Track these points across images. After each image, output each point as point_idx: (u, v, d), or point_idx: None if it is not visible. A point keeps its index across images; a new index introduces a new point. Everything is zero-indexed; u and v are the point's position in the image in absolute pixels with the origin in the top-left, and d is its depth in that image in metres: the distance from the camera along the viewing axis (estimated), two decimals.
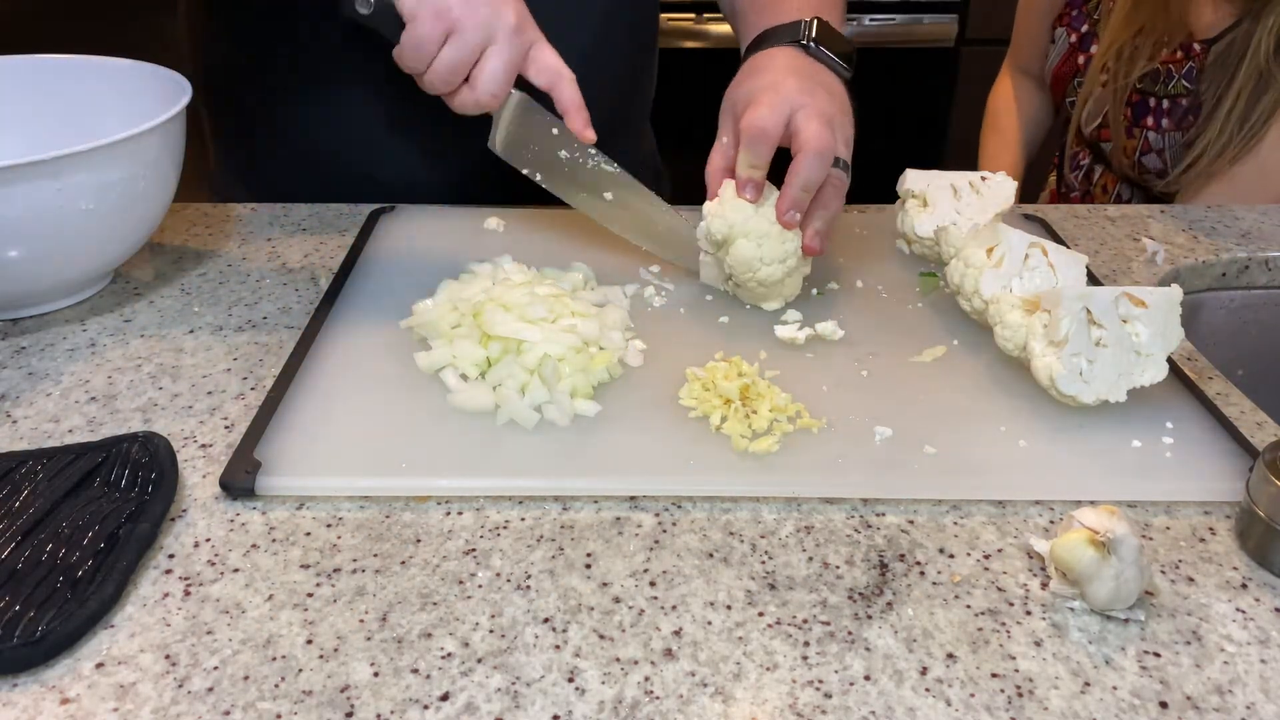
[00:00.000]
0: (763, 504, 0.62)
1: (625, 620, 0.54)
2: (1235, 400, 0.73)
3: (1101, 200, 1.39)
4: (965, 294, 0.77)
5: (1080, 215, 1.02)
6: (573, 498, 0.62)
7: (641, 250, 0.88)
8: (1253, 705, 0.50)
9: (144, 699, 0.49)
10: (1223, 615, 0.55)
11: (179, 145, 0.83)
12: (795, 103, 0.78)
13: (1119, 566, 0.53)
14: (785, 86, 0.79)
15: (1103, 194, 1.39)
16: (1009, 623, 0.54)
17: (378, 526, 0.60)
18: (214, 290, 0.85)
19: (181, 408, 0.70)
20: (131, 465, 0.62)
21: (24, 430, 0.68)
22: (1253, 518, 0.59)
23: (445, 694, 0.50)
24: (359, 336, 0.77)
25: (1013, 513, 0.62)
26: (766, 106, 0.77)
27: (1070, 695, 0.50)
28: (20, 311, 0.80)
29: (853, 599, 0.56)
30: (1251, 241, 0.98)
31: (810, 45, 0.84)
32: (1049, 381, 0.67)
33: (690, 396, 0.69)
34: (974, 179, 0.89)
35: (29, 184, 0.71)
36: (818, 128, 0.77)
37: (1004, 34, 1.60)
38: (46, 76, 0.90)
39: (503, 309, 0.72)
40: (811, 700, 0.50)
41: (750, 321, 0.80)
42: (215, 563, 0.57)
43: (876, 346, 0.77)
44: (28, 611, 0.52)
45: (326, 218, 0.98)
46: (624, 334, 0.76)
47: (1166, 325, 0.68)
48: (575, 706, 0.49)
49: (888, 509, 0.62)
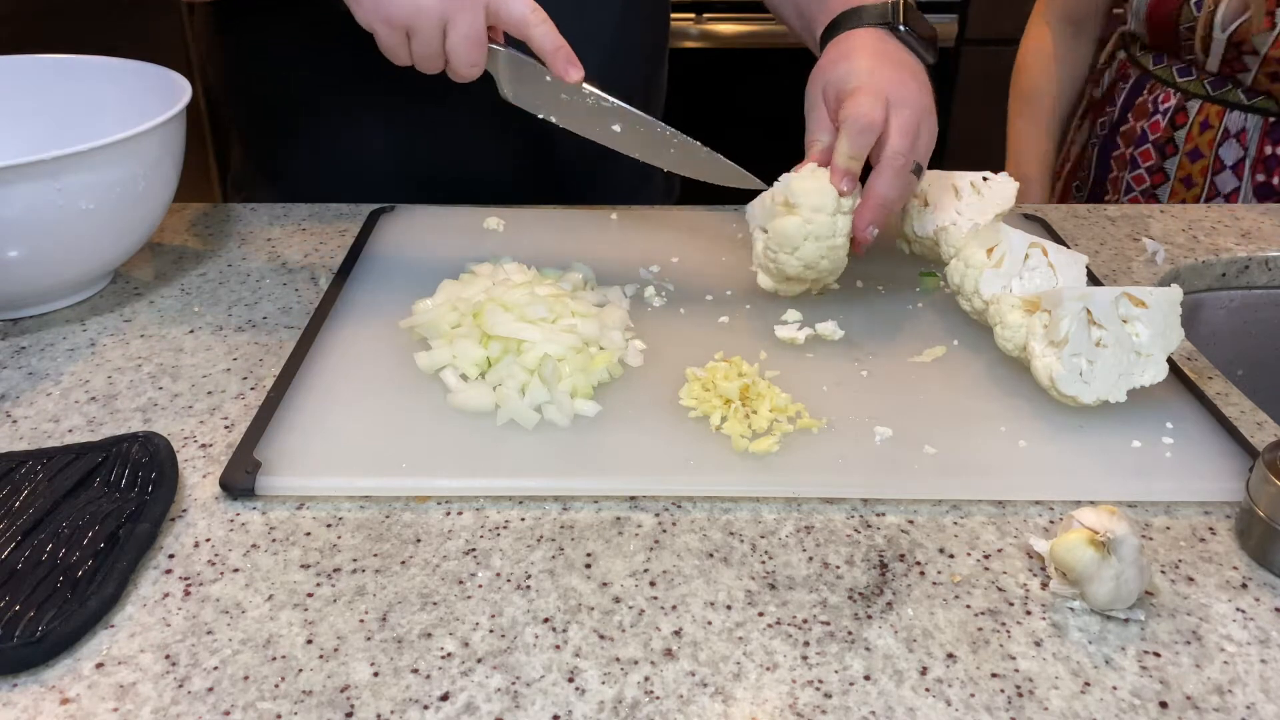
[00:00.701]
0: (763, 504, 0.62)
1: (625, 620, 0.54)
2: (1235, 400, 0.73)
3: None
4: (965, 294, 0.77)
5: (1080, 215, 1.02)
6: (573, 498, 0.62)
7: (642, 250, 0.88)
8: (1253, 705, 0.50)
9: (144, 699, 0.49)
10: (1223, 615, 0.55)
11: (179, 145, 0.83)
12: (892, 98, 0.77)
13: (1119, 566, 0.53)
14: (881, 77, 0.78)
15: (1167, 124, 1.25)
16: (1009, 623, 0.54)
17: (378, 526, 0.60)
18: (214, 290, 0.85)
19: (181, 408, 0.70)
20: (131, 465, 0.62)
21: (24, 430, 0.68)
22: (1253, 518, 0.59)
23: (445, 694, 0.50)
24: (359, 336, 0.77)
25: (1013, 513, 0.62)
26: (869, 95, 0.76)
27: (1070, 695, 0.50)
28: (20, 311, 0.80)
29: (853, 599, 0.56)
30: (1251, 241, 0.98)
31: (900, 29, 0.83)
32: (1049, 381, 0.67)
33: (690, 396, 0.69)
34: (975, 179, 0.89)
35: (29, 184, 0.71)
36: (902, 140, 0.76)
37: (1004, 34, 1.57)
38: (46, 76, 0.90)
39: (503, 309, 0.72)
40: (811, 700, 0.50)
41: (750, 321, 0.80)
42: (215, 563, 0.57)
43: (876, 346, 0.77)
44: (28, 611, 0.52)
45: (326, 218, 0.98)
46: (624, 334, 0.76)
47: (1166, 325, 0.68)
48: (575, 706, 0.49)
49: (888, 509, 0.62)
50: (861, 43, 0.82)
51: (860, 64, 0.80)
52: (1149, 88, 1.28)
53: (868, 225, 0.77)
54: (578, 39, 0.77)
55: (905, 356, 0.76)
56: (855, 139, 0.76)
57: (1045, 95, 1.40)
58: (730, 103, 2.28)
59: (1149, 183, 1.30)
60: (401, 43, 0.76)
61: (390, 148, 1.00)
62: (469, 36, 0.75)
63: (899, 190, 0.77)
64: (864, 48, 0.81)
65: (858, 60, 0.80)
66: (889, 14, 0.83)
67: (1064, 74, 1.39)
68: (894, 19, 0.83)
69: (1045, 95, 1.40)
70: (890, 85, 0.77)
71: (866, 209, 0.77)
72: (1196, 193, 1.25)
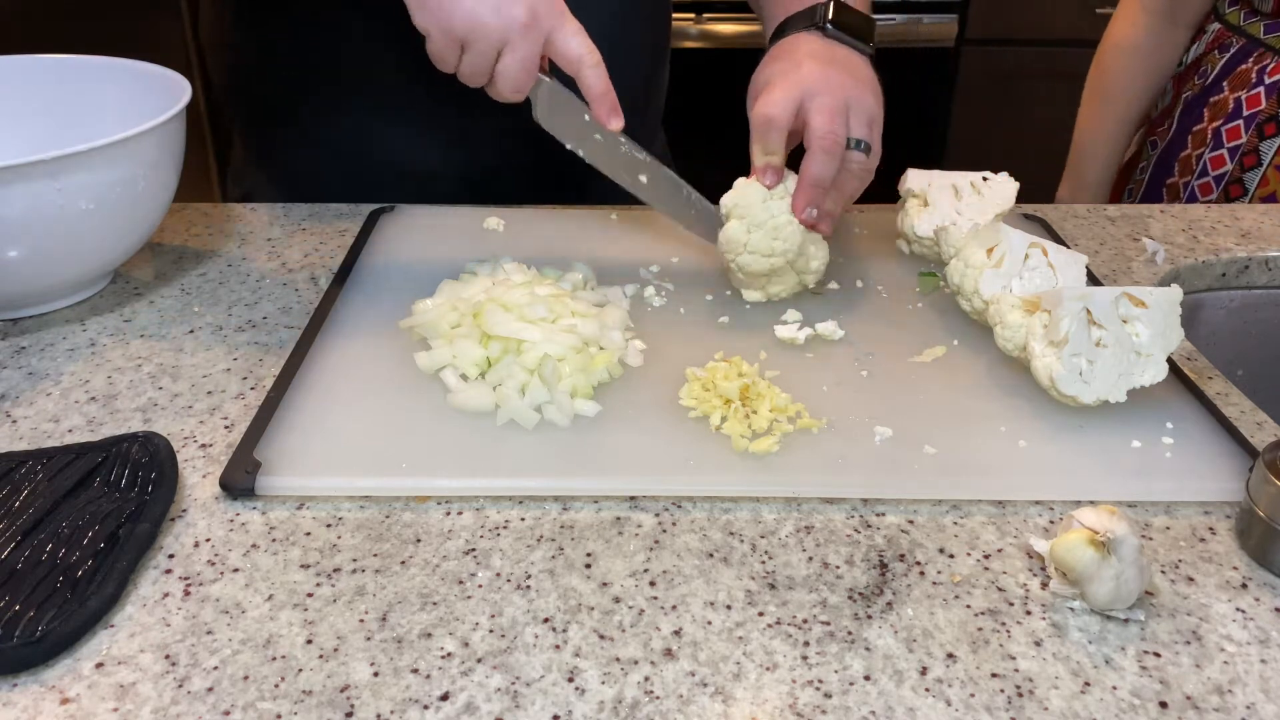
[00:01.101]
0: (763, 504, 0.62)
1: (625, 620, 0.54)
2: (1235, 400, 0.73)
3: None
4: (965, 294, 0.77)
5: (1080, 215, 1.02)
6: (573, 498, 0.62)
7: (642, 250, 0.88)
8: (1253, 705, 0.50)
9: (144, 699, 0.49)
10: (1223, 615, 0.55)
11: (179, 145, 0.83)
12: (808, 89, 0.78)
13: (1119, 566, 0.53)
14: (799, 72, 0.80)
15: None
16: (1009, 623, 0.54)
17: (378, 526, 0.60)
18: (214, 290, 0.85)
19: (181, 408, 0.70)
20: (131, 465, 0.62)
21: (24, 430, 0.68)
22: (1253, 518, 0.59)
23: (445, 694, 0.50)
24: (359, 336, 0.77)
25: (1013, 513, 0.62)
26: (778, 91, 0.78)
27: (1070, 695, 0.50)
28: (20, 311, 0.80)
29: (853, 599, 0.56)
30: (1251, 241, 0.97)
31: (827, 28, 0.84)
32: (1049, 381, 0.67)
33: (690, 396, 0.69)
34: (975, 179, 0.89)
35: (29, 184, 0.71)
36: (825, 120, 0.77)
37: (1004, 34, 1.56)
38: (46, 76, 0.90)
39: (503, 309, 0.72)
40: (811, 700, 0.50)
41: (750, 321, 0.80)
42: (215, 563, 0.57)
43: (876, 346, 0.77)
44: (28, 611, 0.52)
45: (326, 218, 0.98)
46: (624, 334, 0.76)
47: (1166, 325, 0.68)
48: (575, 706, 0.49)
49: (888, 509, 0.62)
50: (788, 48, 0.84)
51: (780, 65, 0.82)
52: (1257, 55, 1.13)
53: (805, 207, 0.78)
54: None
55: (905, 356, 0.76)
56: (758, 134, 0.79)
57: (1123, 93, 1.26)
58: (730, 103, 2.28)
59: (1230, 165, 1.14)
60: (453, 53, 0.76)
61: (391, 147, 1.00)
62: (523, 63, 0.76)
63: (831, 168, 0.78)
64: (788, 52, 0.83)
65: (780, 62, 0.82)
66: (815, 16, 0.85)
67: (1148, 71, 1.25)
68: (820, 20, 0.85)
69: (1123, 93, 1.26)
70: (810, 80, 0.79)
71: (800, 190, 0.78)
72: None
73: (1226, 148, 1.16)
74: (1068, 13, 2.30)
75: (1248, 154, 1.15)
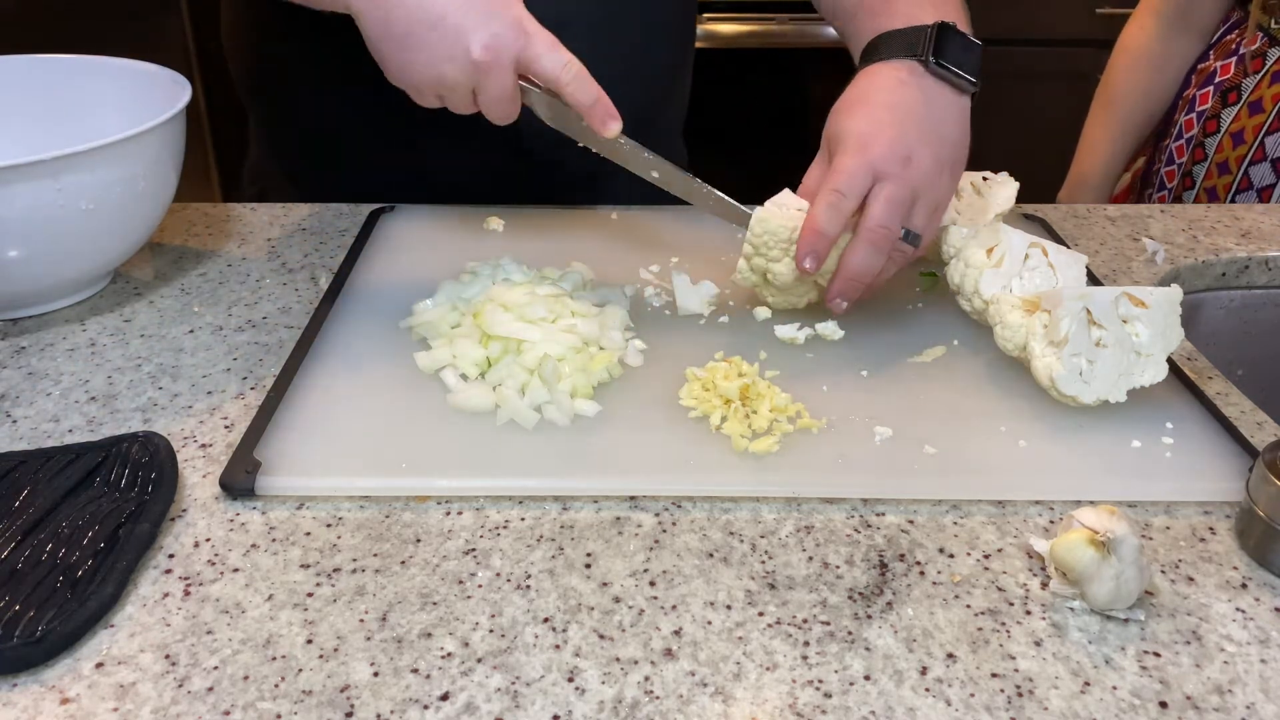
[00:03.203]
0: (763, 504, 0.62)
1: (625, 620, 0.54)
2: (1235, 400, 0.73)
3: None
4: (965, 294, 0.77)
5: (1080, 215, 1.02)
6: (573, 498, 0.62)
7: (642, 250, 0.88)
8: (1253, 705, 0.50)
9: (144, 699, 0.49)
10: (1223, 615, 0.55)
11: (179, 145, 0.83)
12: (880, 169, 0.71)
13: (1119, 566, 0.53)
14: (879, 141, 0.71)
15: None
16: (1009, 623, 0.54)
17: (378, 526, 0.60)
18: (214, 290, 0.85)
19: (181, 408, 0.70)
20: (131, 465, 0.62)
21: (24, 430, 0.68)
22: (1253, 518, 0.59)
23: (445, 694, 0.50)
24: (359, 336, 0.77)
25: (1013, 513, 0.62)
26: (851, 160, 0.71)
27: (1070, 695, 0.50)
28: (20, 311, 0.80)
29: (853, 599, 0.56)
30: (1251, 241, 0.98)
31: (930, 61, 0.75)
32: (1049, 381, 0.67)
33: (690, 396, 0.69)
34: (975, 179, 0.89)
35: (29, 184, 0.71)
36: (882, 212, 0.71)
37: (1003, 34, 1.55)
38: (46, 76, 0.90)
39: (503, 309, 0.72)
40: (811, 700, 0.50)
41: (750, 322, 0.80)
42: (215, 563, 0.57)
43: (876, 346, 0.77)
44: (28, 611, 0.52)
45: (326, 218, 0.98)
46: (624, 334, 0.76)
47: (1166, 325, 0.68)
48: (575, 706, 0.49)
49: (888, 509, 0.62)
50: (879, 85, 0.75)
51: (860, 123, 0.73)
52: (1241, 30, 1.16)
53: (835, 297, 0.74)
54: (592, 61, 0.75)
55: (905, 356, 0.76)
56: (828, 210, 0.71)
57: (1126, 96, 1.28)
58: (730, 102, 2.28)
59: (1198, 129, 1.17)
60: (434, 101, 0.75)
61: (392, 147, 1.00)
62: (500, 96, 0.73)
63: (874, 264, 0.72)
64: (878, 95, 0.75)
65: (861, 115, 0.74)
66: (919, 45, 0.75)
67: (1153, 76, 1.26)
68: (923, 51, 0.75)
69: (1126, 96, 1.28)
70: (883, 156, 0.71)
71: (837, 280, 0.73)
72: (1243, 152, 1.12)
73: (1195, 111, 1.19)
74: (1068, 13, 2.30)
75: (1209, 119, 1.17)
